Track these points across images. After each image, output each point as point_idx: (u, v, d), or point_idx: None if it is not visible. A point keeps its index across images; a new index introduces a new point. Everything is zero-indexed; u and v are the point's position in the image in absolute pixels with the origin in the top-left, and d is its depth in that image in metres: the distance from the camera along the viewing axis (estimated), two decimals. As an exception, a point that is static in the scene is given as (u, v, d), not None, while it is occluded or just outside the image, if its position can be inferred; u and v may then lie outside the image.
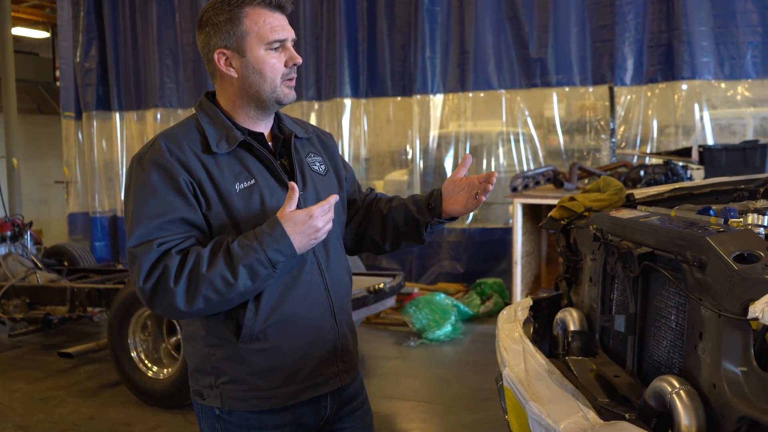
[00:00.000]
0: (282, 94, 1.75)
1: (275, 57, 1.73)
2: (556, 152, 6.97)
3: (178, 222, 1.64)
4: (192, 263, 1.59)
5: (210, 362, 1.76)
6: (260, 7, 1.71)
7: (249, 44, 1.71)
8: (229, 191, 1.69)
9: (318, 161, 1.91)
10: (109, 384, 4.82)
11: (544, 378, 1.84)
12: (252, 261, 1.60)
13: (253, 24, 1.70)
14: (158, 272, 1.59)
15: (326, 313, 1.82)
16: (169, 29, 8.64)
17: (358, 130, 7.72)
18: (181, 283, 1.58)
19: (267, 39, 1.70)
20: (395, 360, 5.18)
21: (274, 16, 1.73)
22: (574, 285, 2.47)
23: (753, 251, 1.39)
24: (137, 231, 1.62)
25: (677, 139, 6.30)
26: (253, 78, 1.73)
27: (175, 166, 1.65)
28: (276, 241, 1.62)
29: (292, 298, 1.74)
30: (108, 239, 9.36)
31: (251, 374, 1.73)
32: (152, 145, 1.70)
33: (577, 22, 6.57)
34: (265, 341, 1.72)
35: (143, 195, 1.64)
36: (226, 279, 1.59)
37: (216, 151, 1.70)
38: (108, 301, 5.04)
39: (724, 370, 1.39)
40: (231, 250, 1.61)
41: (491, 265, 7.06)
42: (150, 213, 1.62)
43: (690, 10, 5.99)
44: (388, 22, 7.41)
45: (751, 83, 6.02)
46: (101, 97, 9.26)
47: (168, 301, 1.59)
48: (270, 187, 1.75)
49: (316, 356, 1.80)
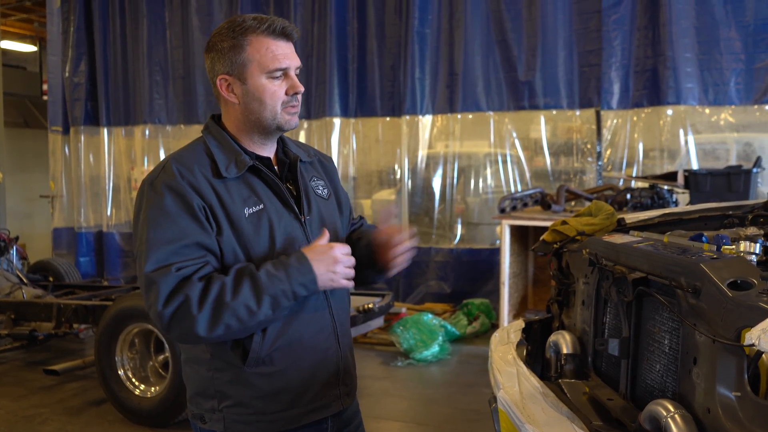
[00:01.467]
0: (283, 120, 1.77)
1: (276, 85, 1.74)
2: (542, 174, 7.04)
3: (194, 246, 1.64)
4: (217, 291, 1.60)
5: (214, 386, 1.76)
6: (264, 36, 1.73)
7: (250, 72, 1.73)
8: (239, 216, 1.71)
9: (321, 185, 1.94)
10: (95, 402, 4.78)
11: (539, 401, 1.86)
12: (277, 292, 1.63)
13: (256, 52, 1.72)
14: (180, 298, 1.59)
15: (330, 336, 1.84)
16: (160, 45, 8.67)
17: (347, 149, 7.76)
18: (205, 310, 1.58)
19: (268, 68, 1.72)
20: (383, 380, 5.18)
21: (278, 44, 1.74)
22: (566, 308, 2.49)
23: (746, 278, 1.42)
24: (154, 255, 1.62)
25: (662, 162, 6.40)
26: (253, 105, 1.75)
27: (188, 190, 1.66)
28: (302, 275, 1.66)
29: (298, 321, 1.76)
30: (93, 255, 9.29)
31: (256, 398, 1.74)
32: (163, 168, 1.70)
33: (565, 47, 6.68)
34: (271, 365, 1.73)
35: (158, 219, 1.64)
36: (250, 308, 1.60)
37: (225, 176, 1.71)
38: (95, 318, 5.01)
39: (718, 394, 1.41)
40: (257, 278, 1.62)
41: (478, 285, 7.09)
42: (166, 237, 1.63)
43: (675, 36, 6.11)
44: (378, 42, 7.49)
45: (734, 109, 6.13)
46: (89, 112, 9.25)
47: (187, 326, 1.59)
48: (278, 212, 1.77)
49: (320, 379, 1.81)
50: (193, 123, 8.51)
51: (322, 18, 7.63)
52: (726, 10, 6.00)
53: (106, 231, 9.18)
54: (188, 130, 8.57)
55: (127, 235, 9.09)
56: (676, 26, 6.10)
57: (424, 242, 7.39)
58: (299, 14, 7.76)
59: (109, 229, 9.17)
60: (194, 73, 8.42)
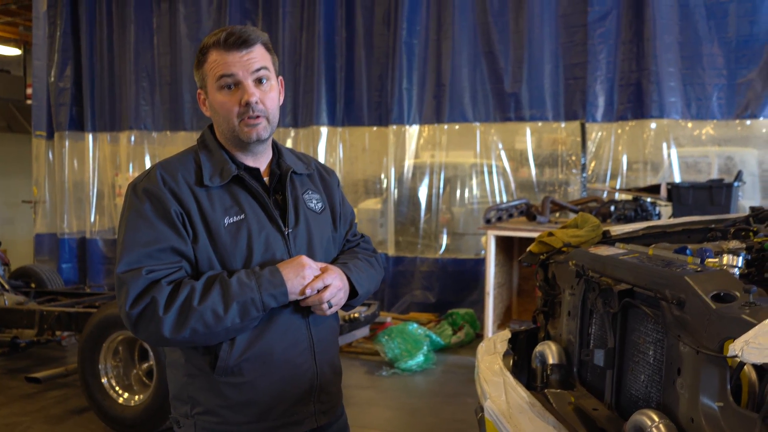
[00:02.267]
0: (242, 133, 1.76)
1: (228, 96, 1.75)
2: (527, 185, 7.09)
3: (168, 251, 1.67)
4: (185, 295, 1.62)
5: (187, 391, 1.77)
6: (215, 48, 1.75)
7: (209, 86, 1.78)
8: (218, 225, 1.72)
9: (315, 198, 1.93)
10: (77, 410, 4.74)
11: (525, 411, 1.88)
12: (246, 300, 1.64)
13: (209, 65, 1.77)
14: (146, 300, 1.61)
15: (306, 351, 1.82)
16: (147, 52, 8.65)
17: (334, 157, 7.77)
18: (171, 312, 1.61)
19: (215, 78, 1.75)
20: (367, 389, 5.18)
21: (231, 54, 1.74)
22: (552, 318, 2.52)
23: (729, 291, 1.45)
24: (127, 257, 1.65)
25: (646, 175, 6.47)
26: (215, 117, 1.81)
27: (168, 196, 1.69)
28: (273, 286, 1.68)
29: (270, 334, 1.75)
30: (76, 261, 9.23)
31: (225, 407, 1.74)
32: (148, 173, 1.74)
33: (551, 59, 6.75)
34: (240, 375, 1.73)
35: (135, 222, 1.68)
36: (217, 313, 1.62)
37: (208, 184, 1.73)
38: (78, 325, 4.97)
39: (701, 405, 1.44)
40: (227, 285, 1.65)
41: (463, 295, 7.12)
42: (140, 240, 1.66)
43: (659, 51, 6.20)
44: (366, 52, 7.53)
45: (716, 123, 6.22)
46: (74, 118, 9.20)
47: (154, 328, 1.61)
48: (259, 223, 1.78)
49: (292, 395, 1.79)
50: (179, 130, 8.49)
51: (310, 27, 7.65)
52: (709, 26, 6.10)
53: (90, 237, 9.12)
54: (174, 137, 8.54)
55: (110, 241, 9.04)
56: (660, 41, 6.19)
57: (410, 252, 7.41)
58: (288, 23, 7.78)
59: (93, 236, 9.12)
60: (181, 80, 8.41)
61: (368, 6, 7.50)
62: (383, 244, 7.53)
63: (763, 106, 5.94)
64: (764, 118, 5.98)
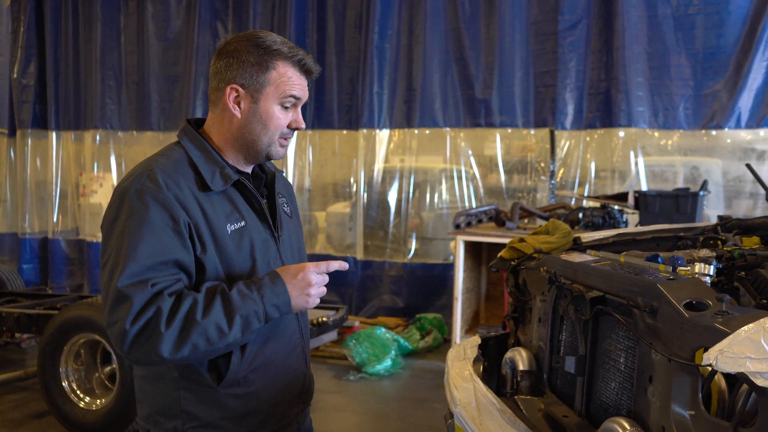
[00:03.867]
0: (275, 150, 1.75)
1: (283, 114, 1.72)
2: (496, 191, 7.13)
3: (171, 264, 1.57)
4: (188, 308, 1.52)
5: (180, 406, 1.68)
6: (291, 65, 1.71)
7: (266, 94, 1.70)
8: (222, 232, 1.65)
9: (284, 202, 1.92)
10: (36, 414, 4.62)
11: (495, 417, 1.87)
12: (249, 312, 1.56)
13: (279, 77, 1.70)
14: (149, 314, 1.50)
15: (300, 355, 1.83)
16: (114, 50, 8.51)
17: (303, 160, 7.73)
18: (173, 327, 1.50)
19: (284, 94, 1.70)
20: (334, 394, 5.14)
21: (300, 77, 1.74)
22: (522, 324, 2.52)
23: (702, 299, 1.46)
24: (130, 268, 1.52)
25: (613, 182, 6.54)
26: (255, 126, 1.71)
27: (175, 204, 1.58)
28: (276, 296, 1.60)
29: (274, 342, 1.73)
30: (37, 262, 9.03)
31: (226, 419, 1.69)
32: (148, 177, 1.61)
33: (522, 67, 6.79)
34: (246, 386, 1.69)
35: (140, 231, 1.55)
36: (220, 328, 1.53)
37: (211, 188, 1.66)
38: (39, 328, 4.85)
39: (672, 413, 1.44)
40: (229, 298, 1.56)
41: (431, 300, 7.12)
42: (147, 252, 1.54)
43: (627, 61, 6.28)
44: (338, 56, 7.50)
45: (682, 133, 6.31)
46: (38, 115, 9.01)
47: (152, 345, 1.49)
48: (257, 229, 1.74)
49: (287, 400, 1.79)
50: (145, 130, 8.36)
51: (281, 30, 7.60)
52: (677, 37, 6.19)
53: (52, 238, 8.94)
54: (140, 137, 8.42)
55: (73, 242, 8.86)
56: (629, 51, 6.27)
57: (379, 256, 7.39)
58: (258, 24, 7.72)
59: (55, 236, 8.93)
60: (149, 80, 8.29)
61: (340, 10, 7.48)
62: (352, 247, 7.50)
63: (729, 117, 6.05)
64: (729, 128, 6.09)
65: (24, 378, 4.81)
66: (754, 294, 1.72)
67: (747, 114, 6.02)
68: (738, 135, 6.12)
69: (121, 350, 1.52)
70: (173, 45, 8.19)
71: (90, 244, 8.63)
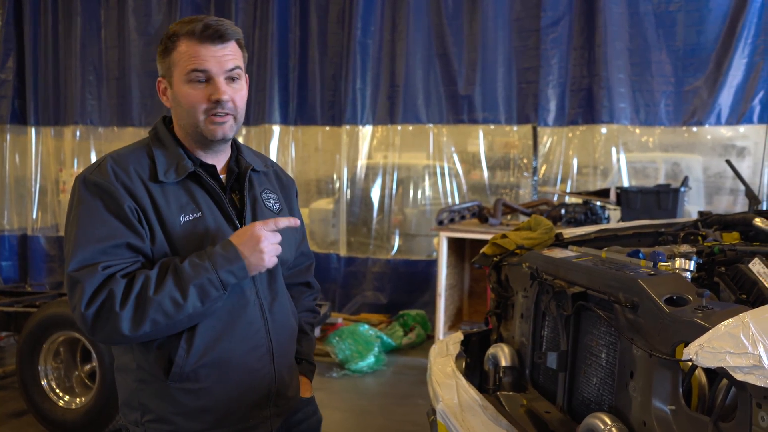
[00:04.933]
0: (206, 130, 1.70)
1: (196, 89, 1.67)
2: (479, 187, 7.14)
3: (124, 247, 1.58)
4: (140, 286, 1.53)
5: (138, 398, 1.69)
6: (188, 38, 1.67)
7: (176, 75, 1.69)
8: (173, 222, 1.65)
9: (273, 198, 1.88)
10: (15, 413, 4.56)
11: (478, 413, 1.87)
12: (203, 281, 1.56)
13: (179, 55, 1.67)
14: (102, 296, 1.52)
15: (264, 356, 1.77)
16: (94, 45, 8.41)
17: (286, 156, 7.69)
18: (128, 306, 1.51)
19: (186, 70, 1.66)
20: (317, 391, 5.07)
21: (203, 46, 1.66)
22: (504, 320, 2.52)
23: (682, 295, 1.46)
24: (80, 254, 1.55)
25: (595, 179, 6.57)
26: (177, 110, 1.71)
27: (121, 191, 1.60)
28: (228, 262, 1.59)
29: (229, 338, 1.69)
30: (16, 259, 8.91)
31: (178, 414, 1.67)
32: (98, 166, 1.64)
33: (504, 63, 6.80)
34: (196, 381, 1.67)
35: (88, 218, 1.58)
36: (176, 300, 1.54)
37: (163, 180, 1.66)
38: (17, 325, 4.78)
39: (653, 408, 1.45)
40: (180, 269, 1.56)
41: (414, 296, 7.12)
42: (94, 237, 1.56)
43: (609, 58, 6.30)
44: (320, 51, 7.47)
45: (663, 130, 6.35)
46: (16, 111, 8.88)
47: (112, 326, 1.52)
48: (216, 221, 1.72)
49: (249, 401, 1.74)
50: (126, 125, 8.27)
51: (263, 25, 7.56)
52: (658, 34, 6.23)
53: (31, 234, 8.83)
54: (121, 133, 8.33)
55: (53, 239, 8.76)
56: (611, 48, 6.29)
57: (362, 252, 7.38)
58: (240, 20, 7.66)
59: (35, 233, 8.82)
60: (130, 75, 8.20)
61: (322, 5, 7.45)
62: (335, 244, 7.48)
63: (709, 114, 6.10)
64: (710, 125, 6.14)
65: (2, 377, 4.75)
66: (733, 289, 1.73)
67: (727, 111, 6.07)
68: (718, 131, 6.18)
69: (87, 333, 1.56)
70: (154, 40, 8.10)
71: (70, 241, 8.53)
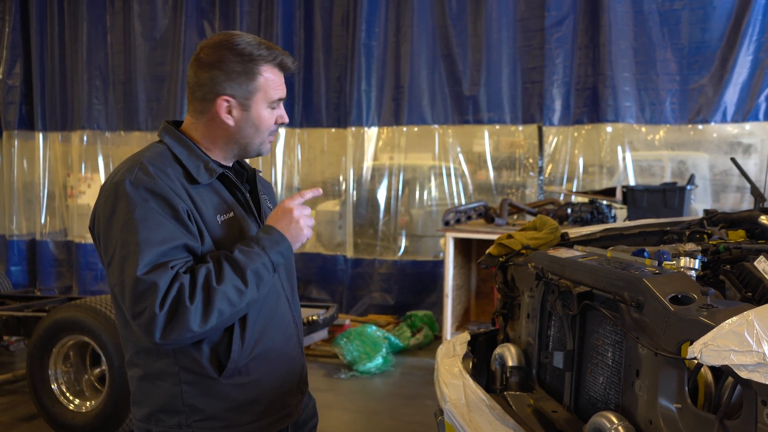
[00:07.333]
0: (265, 148, 1.83)
1: (271, 115, 1.79)
2: (485, 187, 7.14)
3: (181, 248, 1.62)
4: (203, 277, 1.57)
5: (183, 400, 1.70)
6: (273, 67, 1.76)
7: (256, 100, 1.75)
8: (213, 222, 1.71)
9: (266, 199, 1.98)
10: (26, 417, 4.59)
11: (485, 413, 1.88)
12: (258, 266, 1.63)
13: (266, 82, 1.75)
14: (173, 293, 1.53)
15: (296, 344, 1.87)
16: (100, 50, 8.45)
17: (292, 159, 7.72)
18: (197, 299, 1.54)
19: (272, 98, 1.76)
20: (325, 392, 5.14)
21: (281, 76, 1.79)
22: (511, 320, 2.53)
23: (687, 293, 1.47)
24: (146, 258, 1.55)
25: (601, 178, 6.57)
26: (248, 131, 1.78)
27: (170, 193, 1.63)
28: (276, 244, 1.68)
29: (271, 330, 1.77)
30: (25, 264, 8.96)
31: (229, 410, 1.72)
32: (140, 169, 1.64)
33: (509, 63, 6.80)
34: (247, 375, 1.73)
35: (146, 222, 1.58)
36: (238, 288, 1.59)
37: (200, 181, 1.71)
38: (27, 330, 4.82)
39: (660, 406, 1.45)
40: (233, 258, 1.61)
41: (421, 297, 7.13)
42: (156, 239, 1.57)
43: (614, 56, 6.30)
44: (325, 53, 7.49)
45: (669, 128, 6.35)
46: (24, 116, 8.94)
47: (183, 323, 1.52)
48: (246, 220, 1.80)
49: (286, 389, 1.83)
50: (133, 130, 8.32)
51: (268, 28, 7.58)
52: (662, 32, 6.22)
53: (40, 239, 8.87)
54: (128, 137, 8.37)
55: (61, 243, 8.81)
56: (615, 46, 6.29)
57: (369, 254, 7.39)
58: (245, 23, 7.69)
59: (43, 238, 8.87)
60: (136, 79, 8.24)
61: (327, 7, 7.47)
62: (342, 246, 7.50)
63: (715, 112, 6.09)
64: (715, 123, 6.13)
65: (13, 381, 4.78)
66: (739, 287, 1.74)
67: (733, 108, 6.06)
68: (724, 129, 6.16)
69: (152, 338, 1.54)
70: (160, 44, 8.16)
71: (78, 245, 8.57)
